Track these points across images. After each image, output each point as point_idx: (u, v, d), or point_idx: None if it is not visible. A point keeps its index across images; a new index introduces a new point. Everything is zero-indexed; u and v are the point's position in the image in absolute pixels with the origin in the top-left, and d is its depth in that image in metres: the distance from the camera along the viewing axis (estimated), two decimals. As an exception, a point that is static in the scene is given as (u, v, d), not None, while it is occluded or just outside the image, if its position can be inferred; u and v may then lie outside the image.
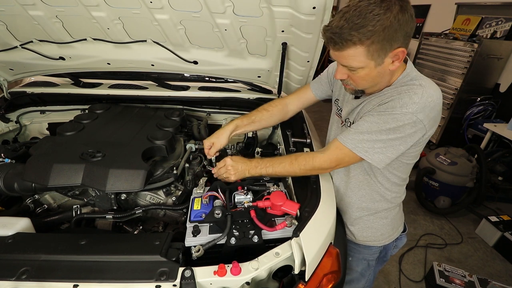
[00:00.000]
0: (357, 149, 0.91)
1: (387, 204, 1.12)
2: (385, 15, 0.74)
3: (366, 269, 1.26)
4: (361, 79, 0.89)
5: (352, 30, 0.76)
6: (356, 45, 0.78)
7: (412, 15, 0.78)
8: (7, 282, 0.75)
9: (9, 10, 1.35)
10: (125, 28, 1.47)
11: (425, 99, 0.83)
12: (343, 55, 0.83)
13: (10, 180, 1.12)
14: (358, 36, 0.76)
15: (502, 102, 3.66)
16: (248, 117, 1.29)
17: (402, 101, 0.84)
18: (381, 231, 1.17)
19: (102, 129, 1.40)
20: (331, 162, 0.98)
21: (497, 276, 2.31)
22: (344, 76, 0.91)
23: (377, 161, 0.91)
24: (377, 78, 0.88)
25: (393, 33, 0.76)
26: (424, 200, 3.08)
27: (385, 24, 0.74)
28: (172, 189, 1.31)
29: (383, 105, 0.88)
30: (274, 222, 0.99)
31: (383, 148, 0.89)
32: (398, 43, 0.79)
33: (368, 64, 0.83)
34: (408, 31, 0.79)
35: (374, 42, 0.77)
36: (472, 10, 4.06)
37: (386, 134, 0.86)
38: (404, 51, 0.82)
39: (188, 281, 0.75)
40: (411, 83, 0.89)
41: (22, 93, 1.75)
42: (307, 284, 0.84)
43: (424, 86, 0.86)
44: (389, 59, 0.83)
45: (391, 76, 0.91)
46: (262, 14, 1.27)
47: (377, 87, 0.94)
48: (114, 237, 1.02)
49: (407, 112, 0.83)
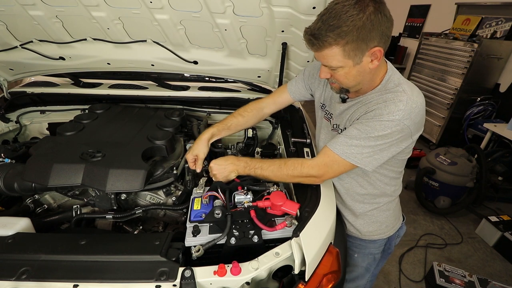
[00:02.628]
0: (345, 154, 0.93)
1: (388, 198, 1.16)
2: (358, 16, 0.77)
3: (371, 263, 1.28)
4: (342, 77, 0.92)
5: (328, 31, 0.80)
6: (332, 45, 0.82)
7: (386, 15, 0.81)
8: (7, 282, 0.75)
9: (9, 10, 1.35)
10: (125, 28, 1.47)
11: (410, 106, 0.87)
12: (322, 55, 0.87)
13: (10, 180, 1.12)
14: (333, 36, 0.80)
15: (502, 102, 3.67)
16: (224, 123, 1.30)
17: (388, 109, 0.88)
18: (385, 223, 1.20)
19: (102, 129, 1.40)
20: (319, 169, 0.99)
21: (497, 276, 2.31)
22: (328, 75, 0.95)
23: (367, 164, 0.94)
24: (358, 76, 0.91)
25: (367, 33, 0.79)
26: (424, 200, 3.08)
27: (358, 25, 0.78)
28: (172, 189, 1.31)
29: (370, 112, 0.92)
30: (274, 222, 0.99)
31: (371, 152, 0.92)
32: (374, 43, 0.82)
33: (347, 63, 0.86)
34: (384, 30, 0.82)
35: (349, 42, 0.81)
36: (472, 10, 4.06)
37: (375, 141, 0.90)
38: (381, 50, 0.84)
39: (188, 281, 0.75)
40: (395, 89, 0.92)
41: (22, 93, 1.75)
42: (307, 284, 0.84)
43: (408, 93, 0.89)
44: (367, 58, 0.86)
45: (372, 75, 0.94)
46: (262, 14, 1.27)
47: (360, 86, 0.96)
48: (114, 237, 1.02)
49: (394, 119, 0.86)
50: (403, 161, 1.08)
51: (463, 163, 2.87)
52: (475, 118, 3.72)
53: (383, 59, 0.93)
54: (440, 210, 3.00)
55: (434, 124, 4.14)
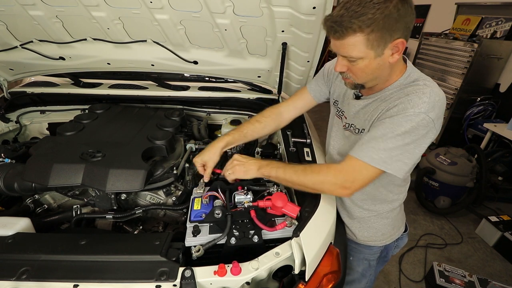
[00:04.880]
0: (374, 161, 0.85)
1: (389, 206, 1.11)
2: (385, 4, 0.74)
3: (367, 269, 1.26)
4: (360, 71, 0.87)
5: (352, 18, 0.76)
6: (356, 32, 0.78)
7: (412, 6, 0.78)
8: (7, 282, 0.75)
9: (9, 10, 1.35)
10: (125, 28, 1.47)
11: (433, 98, 0.83)
12: (343, 44, 0.82)
13: (10, 180, 1.12)
14: (358, 23, 0.76)
15: (502, 102, 3.66)
16: (240, 131, 1.22)
17: (412, 102, 0.83)
18: (382, 231, 1.16)
19: (102, 129, 1.40)
20: (346, 175, 0.89)
21: (497, 276, 2.31)
22: (344, 68, 0.90)
23: (397, 169, 0.86)
24: (377, 70, 0.87)
25: (393, 22, 0.76)
26: (424, 200, 3.08)
27: (385, 13, 0.74)
28: (172, 189, 1.31)
29: (393, 108, 0.87)
30: (274, 222, 0.99)
31: (400, 155, 0.84)
32: (398, 34, 0.79)
33: (368, 54, 0.82)
34: (408, 22, 0.79)
35: (374, 31, 0.77)
36: (472, 10, 4.05)
37: (402, 139, 0.83)
38: (404, 43, 0.81)
39: (188, 281, 0.75)
40: (416, 83, 0.88)
41: (22, 93, 1.75)
42: (307, 284, 0.84)
43: (430, 86, 0.86)
44: (389, 51, 0.82)
45: (390, 70, 0.90)
46: (262, 14, 1.27)
47: (377, 81, 0.92)
48: (114, 237, 1.02)
49: (419, 112, 0.82)
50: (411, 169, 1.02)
51: (463, 163, 2.87)
52: (475, 118, 3.72)
53: (401, 56, 0.89)
54: (440, 210, 3.00)
55: (434, 124, 4.13)
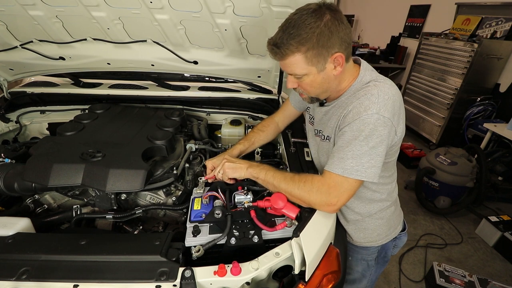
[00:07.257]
0: (347, 171, 0.87)
1: (380, 205, 1.11)
2: (316, 24, 0.81)
3: (366, 270, 1.26)
4: (309, 86, 0.94)
5: (289, 39, 0.83)
6: (294, 52, 0.85)
7: (343, 22, 0.84)
8: (7, 282, 0.75)
9: (9, 10, 1.35)
10: (125, 28, 1.47)
11: (382, 97, 0.86)
12: (286, 64, 0.89)
13: (10, 180, 1.12)
14: (294, 44, 0.83)
15: (502, 102, 3.67)
16: (248, 140, 1.35)
17: (364, 105, 0.87)
18: (377, 232, 1.16)
19: (102, 129, 1.40)
20: (328, 189, 0.89)
21: (497, 276, 2.32)
22: (295, 85, 0.97)
23: (371, 176, 0.87)
24: (324, 84, 0.93)
25: (326, 39, 0.83)
26: (424, 200, 3.08)
27: (317, 32, 0.81)
28: (172, 189, 1.31)
29: (349, 114, 0.90)
30: (274, 222, 0.99)
31: (370, 161, 0.86)
32: (334, 49, 0.85)
33: (311, 71, 0.88)
34: (342, 36, 0.85)
35: (310, 49, 0.83)
36: (472, 10, 4.06)
37: (366, 144, 0.85)
38: (342, 56, 0.86)
39: (188, 281, 0.75)
40: (367, 85, 0.92)
41: (22, 93, 1.75)
42: (307, 284, 0.84)
43: (378, 85, 0.90)
44: (330, 65, 0.88)
45: (338, 81, 0.95)
46: (262, 14, 1.27)
47: (328, 93, 0.98)
48: (114, 237, 1.02)
49: (372, 113, 0.85)
50: (390, 163, 1.03)
51: (463, 163, 2.87)
52: (475, 118, 3.72)
53: (350, 64, 0.95)
54: (440, 210, 3.00)
55: (434, 124, 4.13)
